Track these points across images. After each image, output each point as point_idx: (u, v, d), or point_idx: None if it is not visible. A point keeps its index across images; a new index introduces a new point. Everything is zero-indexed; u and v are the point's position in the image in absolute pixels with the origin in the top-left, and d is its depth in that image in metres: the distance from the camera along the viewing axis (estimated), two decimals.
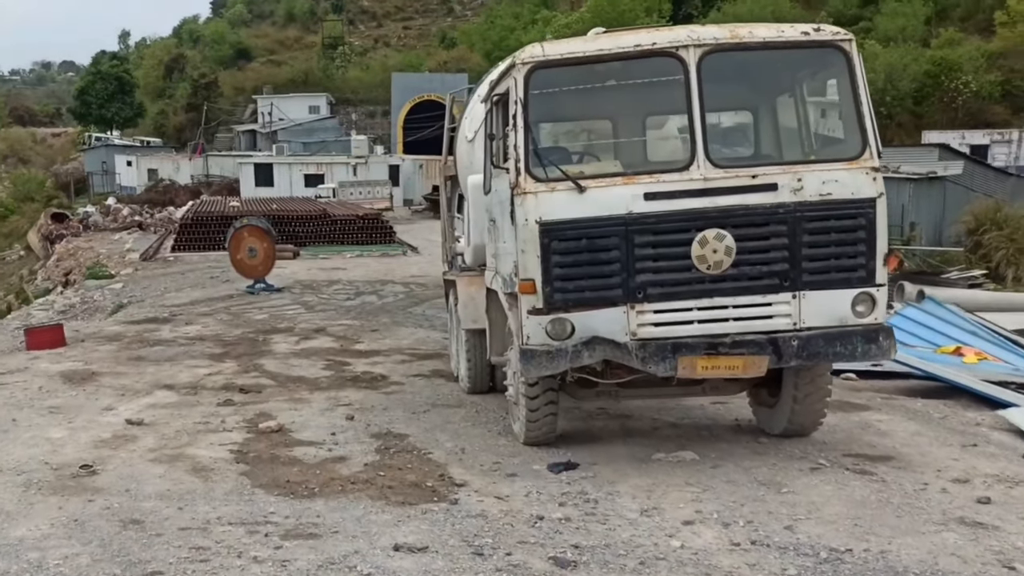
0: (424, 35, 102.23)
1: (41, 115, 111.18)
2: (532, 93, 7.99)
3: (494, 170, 8.91)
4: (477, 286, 10.85)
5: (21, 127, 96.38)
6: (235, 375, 13.33)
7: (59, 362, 14.13)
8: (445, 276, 13.84)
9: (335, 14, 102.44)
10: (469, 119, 12.30)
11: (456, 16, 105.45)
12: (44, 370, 13.47)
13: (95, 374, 13.17)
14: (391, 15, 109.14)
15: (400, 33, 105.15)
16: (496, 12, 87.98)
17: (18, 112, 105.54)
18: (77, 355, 14.76)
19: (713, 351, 7.80)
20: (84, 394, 11.89)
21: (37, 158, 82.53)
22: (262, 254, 22.93)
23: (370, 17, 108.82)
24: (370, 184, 50.61)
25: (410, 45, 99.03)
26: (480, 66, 73.40)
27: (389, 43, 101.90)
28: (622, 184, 7.83)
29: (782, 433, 9.22)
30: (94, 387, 12.31)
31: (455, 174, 14.35)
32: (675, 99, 8.14)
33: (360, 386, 12.46)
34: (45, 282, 32.47)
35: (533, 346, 7.98)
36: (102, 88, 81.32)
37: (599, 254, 7.75)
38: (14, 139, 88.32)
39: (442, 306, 20.79)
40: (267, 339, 16.59)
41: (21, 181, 60.92)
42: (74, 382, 12.60)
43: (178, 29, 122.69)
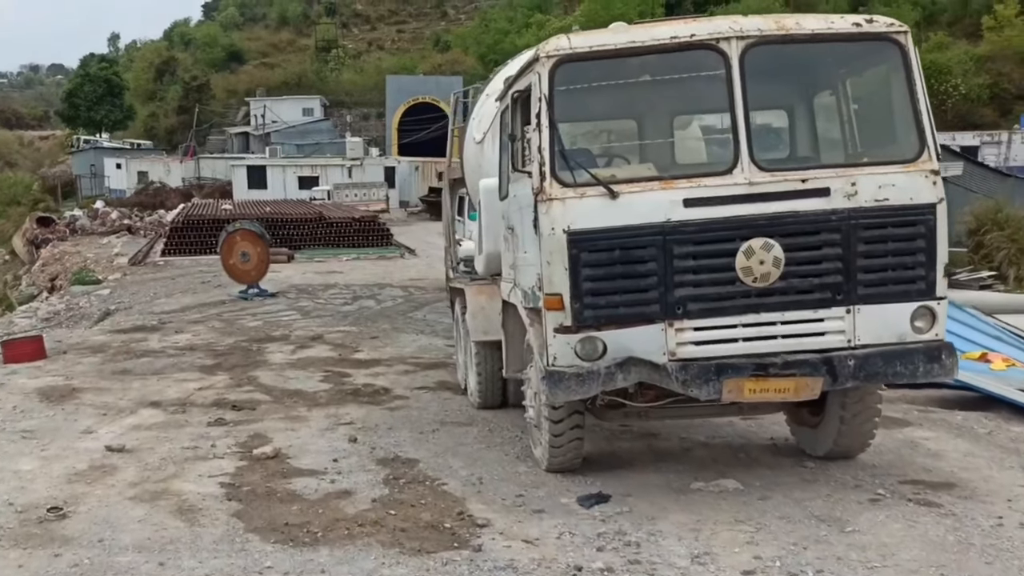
0: (418, 38, 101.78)
1: (29, 118, 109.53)
2: (558, 89, 7.18)
3: (513, 174, 8.14)
4: (488, 295, 10.23)
5: (7, 130, 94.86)
6: (227, 389, 12.37)
7: (37, 377, 13.12)
8: (451, 284, 12.86)
9: (328, 17, 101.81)
10: (477, 119, 11.51)
11: (450, 20, 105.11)
12: (20, 386, 12.46)
13: (76, 390, 12.17)
14: (384, 18, 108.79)
15: (394, 36, 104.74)
16: (490, 16, 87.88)
17: (5, 115, 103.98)
18: (58, 369, 13.76)
19: (761, 372, 6.99)
20: (62, 414, 10.88)
21: (24, 161, 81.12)
22: (255, 259, 21.99)
23: (363, 20, 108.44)
24: (366, 186, 49.73)
25: (404, 48, 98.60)
26: (474, 69, 73.70)
27: (383, 46, 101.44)
28: (659, 189, 7.05)
29: (826, 455, 8.41)
30: (74, 406, 11.30)
31: (460, 177, 13.44)
32: (715, 96, 7.35)
33: (362, 401, 11.53)
34: (30, 288, 31.40)
35: (560, 368, 7.13)
36: (91, 91, 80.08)
37: (634, 266, 7.00)
38: (1, 142, 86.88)
39: (444, 311, 19.98)
40: (261, 348, 15.63)
41: (6, 184, 59.64)
42: (52, 400, 11.60)
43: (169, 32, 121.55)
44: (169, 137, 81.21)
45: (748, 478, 7.91)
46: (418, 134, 64.07)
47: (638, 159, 8.47)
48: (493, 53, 75.92)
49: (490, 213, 9.29)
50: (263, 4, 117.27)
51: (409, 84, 71.59)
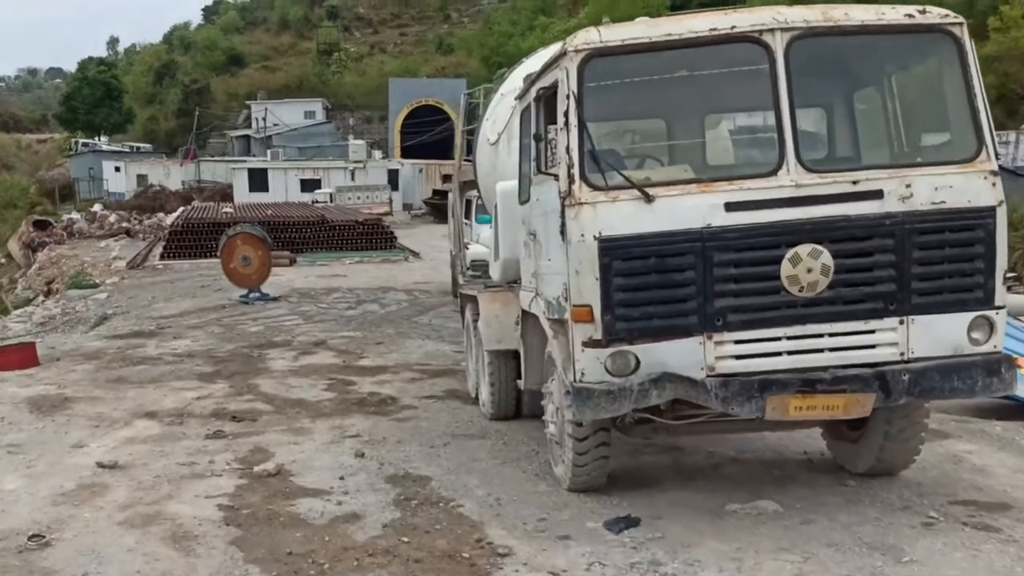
0: (421, 41, 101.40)
1: (26, 121, 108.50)
2: (587, 86, 6.67)
3: (535, 176, 7.61)
4: (502, 303, 9.83)
5: (4, 133, 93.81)
6: (227, 398, 11.81)
7: (28, 385, 12.54)
8: (461, 290, 12.31)
9: (330, 21, 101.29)
10: (491, 120, 11.03)
11: (453, 23, 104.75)
12: (10, 396, 11.87)
13: (68, 400, 11.59)
14: (387, 22, 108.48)
15: (396, 39, 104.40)
16: (494, 18, 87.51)
17: (2, 118, 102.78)
18: (50, 377, 13.17)
19: (808, 389, 6.47)
20: (52, 426, 10.30)
21: (21, 164, 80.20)
22: (257, 263, 21.45)
23: (366, 24, 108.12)
24: (369, 189, 49.19)
25: (406, 52, 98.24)
26: (478, 72, 73.46)
27: (385, 49, 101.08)
28: (698, 192, 6.56)
29: (867, 472, 7.88)
30: (65, 417, 10.72)
31: (471, 179, 12.94)
32: (758, 92, 6.83)
33: (368, 411, 10.97)
34: (26, 291, 30.81)
35: (589, 384, 6.61)
36: (89, 94, 79.62)
37: (670, 275, 6.51)
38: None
39: (449, 315, 19.51)
40: (262, 355, 15.07)
41: (3, 188, 58.93)
42: (43, 410, 11.01)
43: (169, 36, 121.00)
44: (169, 140, 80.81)
45: (787, 498, 7.35)
46: (421, 137, 63.72)
47: (673, 160, 7.94)
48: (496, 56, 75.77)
49: (507, 218, 8.83)
50: (264, 8, 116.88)
51: (412, 87, 71.18)
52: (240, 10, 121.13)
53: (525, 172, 8.11)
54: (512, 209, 8.70)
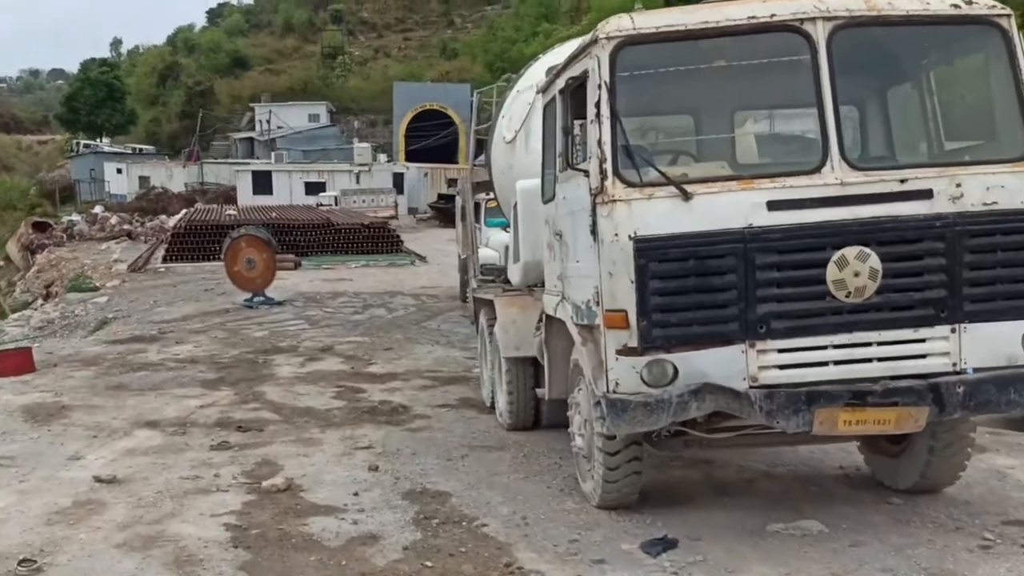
0: (425, 46, 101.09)
1: (27, 122, 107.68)
2: (620, 75, 6.26)
3: (561, 173, 7.22)
4: (519, 307, 9.52)
5: (5, 134, 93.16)
6: (232, 407, 11.38)
7: (24, 393, 12.10)
8: (475, 294, 11.85)
9: (334, 24, 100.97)
10: (507, 117, 10.62)
11: (456, 28, 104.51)
12: (4, 404, 11.44)
13: (65, 408, 11.15)
14: (391, 26, 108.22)
15: (400, 44, 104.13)
16: (498, 24, 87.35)
17: (3, 119, 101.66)
18: (47, 384, 12.74)
19: (859, 402, 6.05)
20: (48, 436, 9.85)
21: (21, 165, 79.74)
22: (261, 266, 21.00)
23: (370, 28, 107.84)
24: (374, 192, 48.74)
25: (410, 56, 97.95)
26: (482, 76, 73.13)
27: (389, 54, 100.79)
28: (738, 190, 6.17)
29: (910, 488, 7.43)
30: (61, 426, 10.28)
31: (484, 181, 12.52)
32: (798, 85, 6.45)
33: (379, 421, 10.53)
34: (24, 295, 30.35)
35: (624, 395, 6.16)
36: (91, 94, 79.07)
37: (710, 279, 6.11)
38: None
39: (458, 320, 19.09)
40: (268, 361, 14.64)
41: (2, 189, 58.49)
42: (38, 419, 10.57)
43: (172, 38, 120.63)
44: (172, 142, 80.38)
45: (830, 517, 6.89)
46: (425, 141, 63.52)
47: (706, 156, 7.49)
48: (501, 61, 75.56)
49: (529, 218, 8.41)
50: (268, 11, 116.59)
51: (416, 91, 70.98)
52: (244, 13, 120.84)
53: (549, 169, 7.71)
54: (534, 209, 8.28)
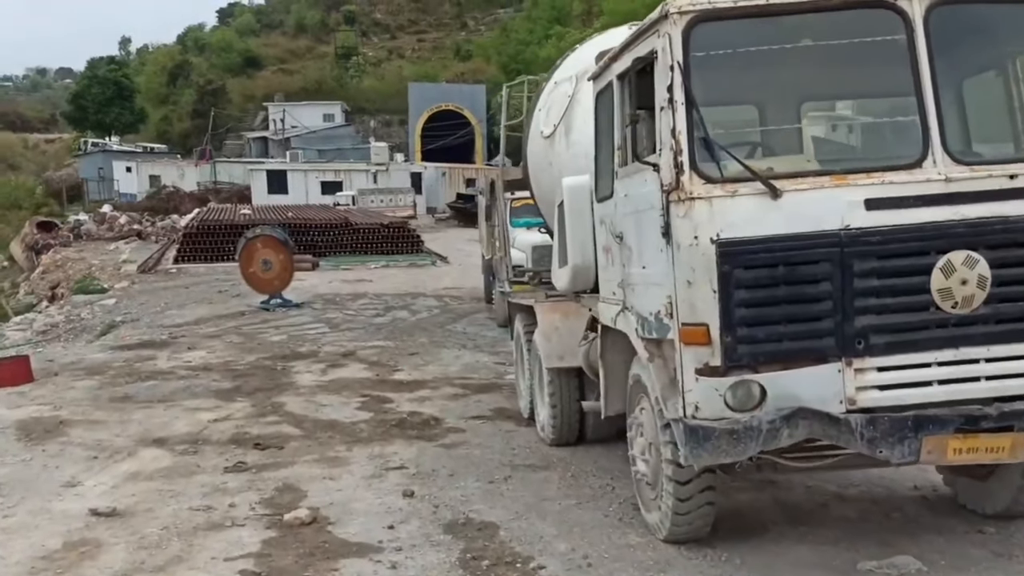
0: (438, 48, 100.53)
1: (34, 121, 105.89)
2: (694, 56, 5.42)
3: (622, 168, 6.36)
4: (562, 314, 8.89)
5: (11, 133, 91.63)
6: (248, 420, 10.36)
7: (19, 406, 11.08)
8: (510, 299, 10.85)
9: (347, 25, 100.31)
10: (544, 110, 9.67)
11: (470, 30, 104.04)
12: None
13: (63, 424, 10.11)
14: (404, 28, 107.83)
15: (414, 45, 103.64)
16: (511, 26, 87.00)
17: (8, 117, 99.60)
18: (45, 395, 11.71)
19: (971, 427, 5.33)
20: (42, 458, 8.80)
21: (28, 164, 78.63)
22: (278, 267, 20.01)
23: (383, 29, 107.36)
24: (392, 192, 47.69)
25: (424, 57, 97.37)
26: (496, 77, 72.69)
27: (403, 55, 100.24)
28: (832, 186, 5.37)
29: (1000, 514, 6.61)
30: (58, 445, 9.22)
31: (516, 179, 11.57)
32: (892, 68, 5.66)
33: (410, 436, 9.51)
34: (28, 296, 29.33)
35: (705, 421, 5.30)
36: (99, 92, 77.62)
37: (802, 287, 5.33)
38: (3, 144, 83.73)
39: (484, 323, 18.09)
40: (287, 368, 13.62)
41: (8, 188, 57.52)
42: (32, 438, 9.53)
43: (182, 37, 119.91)
44: (183, 141, 79.45)
45: (923, 551, 5.98)
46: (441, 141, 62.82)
47: (785, 148, 6.46)
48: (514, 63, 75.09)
49: (578, 218, 7.46)
50: (280, 11, 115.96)
51: (431, 91, 70.33)
52: (255, 13, 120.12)
53: (605, 164, 6.82)
54: (582, 208, 7.39)
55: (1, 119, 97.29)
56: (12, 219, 46.27)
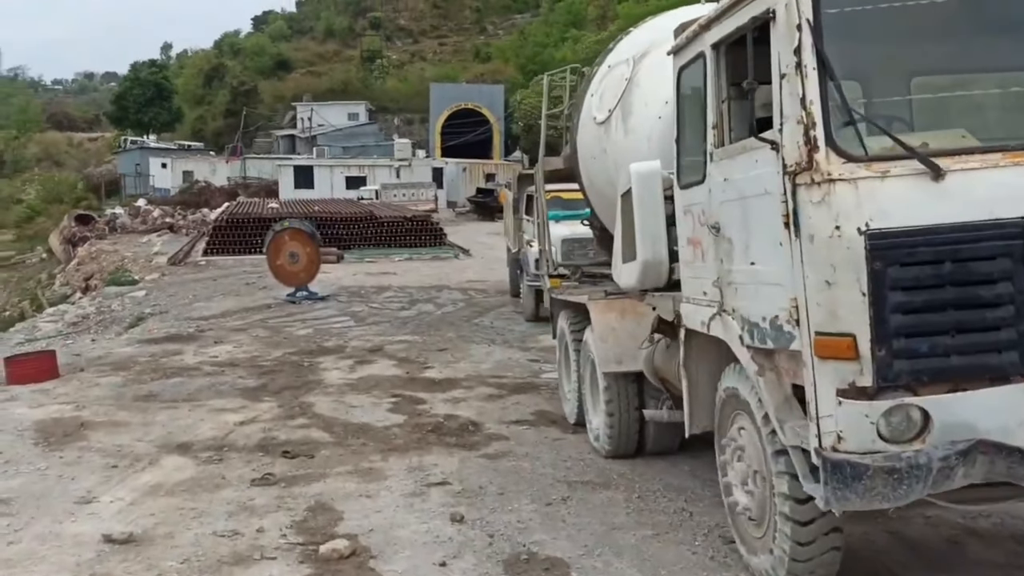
0: (459, 51, 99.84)
1: (80, 121, 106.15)
2: (826, 12, 4.24)
3: (718, 150, 5.15)
4: (619, 313, 7.78)
5: (58, 132, 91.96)
6: (275, 423, 9.27)
7: (41, 404, 10.02)
8: (554, 295, 9.69)
9: (373, 30, 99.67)
10: (597, 95, 8.47)
11: (489, 34, 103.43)
12: (16, 419, 9.35)
13: (84, 426, 9.04)
14: (427, 32, 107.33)
15: (435, 49, 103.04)
16: (529, 30, 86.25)
17: (56, 117, 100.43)
18: (68, 393, 10.64)
19: None
20: (58, 466, 7.72)
21: (71, 161, 78.19)
22: (305, 259, 18.92)
23: (406, 34, 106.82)
24: (414, 186, 46.57)
25: (445, 60, 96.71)
26: (515, 78, 71.78)
27: (425, 57, 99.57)
28: (1008, 165, 4.15)
29: None
30: (77, 451, 8.15)
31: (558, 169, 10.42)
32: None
33: (449, 444, 8.40)
34: (63, 287, 28.29)
35: (853, 455, 4.08)
36: (140, 93, 77.36)
37: (975, 289, 4.12)
38: (49, 142, 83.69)
39: (511, 316, 16.98)
40: (313, 364, 12.54)
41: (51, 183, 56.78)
42: (51, 442, 8.47)
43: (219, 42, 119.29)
44: (216, 139, 78.80)
45: None
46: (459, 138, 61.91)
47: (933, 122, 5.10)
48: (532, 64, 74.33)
49: (648, 207, 6.21)
50: (311, 18, 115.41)
51: (452, 91, 69.39)
52: (287, 19, 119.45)
53: (693, 146, 5.61)
54: (653, 197, 6.18)
55: (50, 119, 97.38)
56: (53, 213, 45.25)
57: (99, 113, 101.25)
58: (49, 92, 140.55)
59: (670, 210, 6.09)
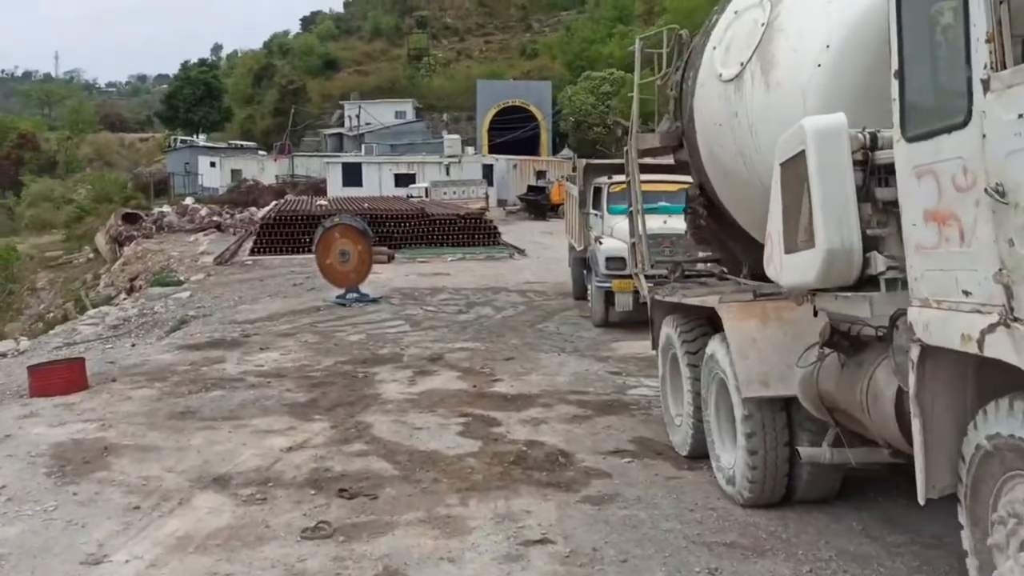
0: (504, 48, 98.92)
1: (132, 122, 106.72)
2: None
3: (999, 74, 3.41)
4: (760, 319, 6.13)
5: (111, 132, 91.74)
6: (329, 448, 7.89)
7: (64, 423, 8.70)
8: (656, 295, 8.13)
9: (419, 29, 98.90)
10: (722, 48, 6.87)
11: (535, 31, 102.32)
12: (32, 441, 8.02)
13: (108, 451, 7.69)
14: (472, 31, 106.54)
15: (481, 47, 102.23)
16: (575, 26, 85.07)
17: (110, 119, 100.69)
18: (95, 409, 9.30)
19: None
20: (70, 506, 6.34)
21: (122, 161, 77.90)
22: (356, 258, 17.53)
23: (452, 32, 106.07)
24: (464, 184, 45.06)
25: (491, 58, 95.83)
26: (562, 74, 70.20)
27: (471, 55, 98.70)
28: None
29: None
30: (95, 486, 6.78)
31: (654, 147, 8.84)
32: None
33: (539, 481, 6.92)
34: (108, 288, 27.18)
35: None
36: (190, 93, 77.27)
37: None
38: (102, 143, 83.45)
39: (578, 322, 15.43)
40: (368, 375, 11.16)
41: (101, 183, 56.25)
42: (67, 472, 7.11)
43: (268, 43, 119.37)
44: (265, 138, 78.38)
45: None
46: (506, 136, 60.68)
47: None
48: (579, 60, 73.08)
49: (833, 177, 4.61)
50: (358, 17, 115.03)
51: (499, 88, 68.06)
52: (335, 20, 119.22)
53: (932, 78, 4.19)
54: (840, 162, 4.60)
55: (103, 121, 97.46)
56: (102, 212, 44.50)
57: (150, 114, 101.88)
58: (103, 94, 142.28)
59: (858, 180, 4.61)
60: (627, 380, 10.60)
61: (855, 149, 4.59)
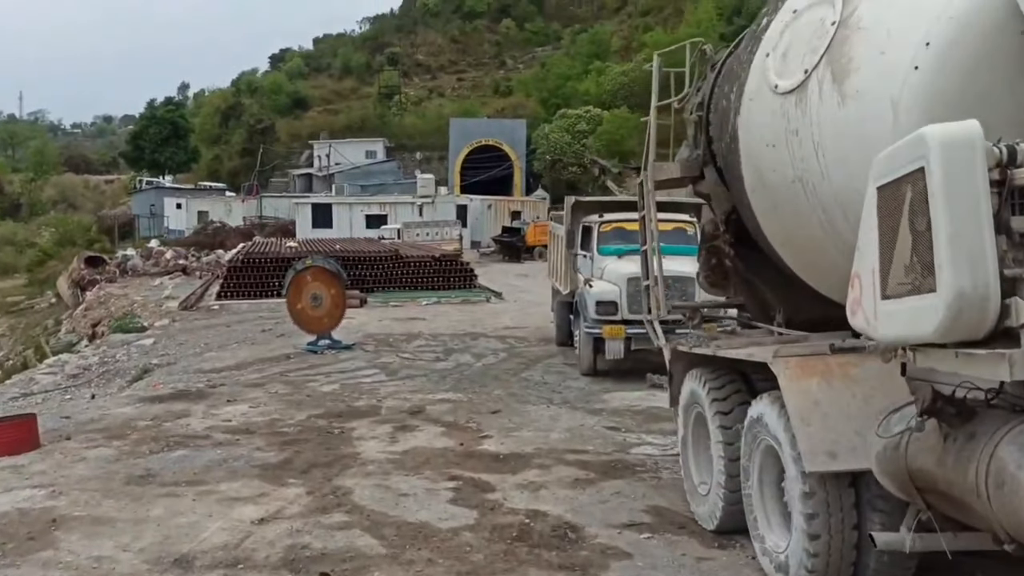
0: (477, 86, 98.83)
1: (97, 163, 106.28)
2: None
3: None
4: (822, 376, 5.33)
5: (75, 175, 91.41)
6: (305, 520, 7.20)
7: (10, 488, 7.94)
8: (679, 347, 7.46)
9: (391, 66, 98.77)
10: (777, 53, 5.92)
11: (508, 69, 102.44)
12: None
13: (56, 523, 6.93)
14: (445, 68, 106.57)
15: (454, 84, 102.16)
16: (551, 63, 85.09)
17: (74, 161, 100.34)
18: (46, 472, 8.51)
19: None
20: None
21: (86, 203, 77.43)
22: (329, 302, 16.85)
23: (424, 70, 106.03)
24: (438, 224, 44.37)
25: (463, 95, 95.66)
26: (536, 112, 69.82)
27: (443, 93, 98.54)
28: None
29: None
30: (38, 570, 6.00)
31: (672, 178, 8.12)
32: None
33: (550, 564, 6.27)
34: (69, 335, 26.20)
35: None
36: (156, 132, 76.65)
37: None
38: (66, 185, 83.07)
39: (563, 370, 14.72)
40: (345, 430, 10.48)
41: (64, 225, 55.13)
42: (8, 552, 6.35)
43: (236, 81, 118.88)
44: (232, 179, 77.66)
45: None
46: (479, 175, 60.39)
47: None
48: (554, 97, 72.78)
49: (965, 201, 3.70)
50: (328, 55, 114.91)
51: (471, 127, 67.72)
52: (305, 57, 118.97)
53: None
54: (975, 183, 3.71)
55: (68, 163, 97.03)
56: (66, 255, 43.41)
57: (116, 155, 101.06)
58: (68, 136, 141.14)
59: (993, 205, 3.74)
60: (627, 436, 9.96)
61: (990, 166, 3.75)
